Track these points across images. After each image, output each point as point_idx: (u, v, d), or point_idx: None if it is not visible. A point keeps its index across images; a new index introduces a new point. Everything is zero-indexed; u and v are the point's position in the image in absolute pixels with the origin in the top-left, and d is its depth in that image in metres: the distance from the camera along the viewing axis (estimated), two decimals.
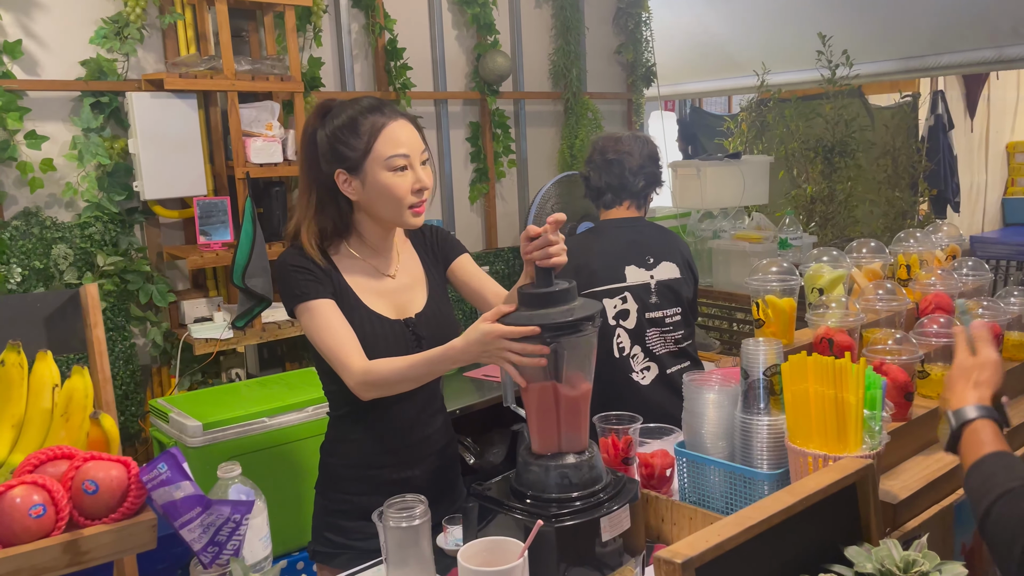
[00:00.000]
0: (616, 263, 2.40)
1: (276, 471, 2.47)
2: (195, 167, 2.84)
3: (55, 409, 1.20)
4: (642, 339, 2.41)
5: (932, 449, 1.73)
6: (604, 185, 2.47)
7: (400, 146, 1.61)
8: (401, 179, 1.62)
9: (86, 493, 1.07)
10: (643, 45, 4.36)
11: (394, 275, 1.76)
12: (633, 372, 2.41)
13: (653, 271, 2.43)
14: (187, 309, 2.96)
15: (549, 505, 1.48)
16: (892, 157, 4.03)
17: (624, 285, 2.40)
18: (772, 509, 1.21)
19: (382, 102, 1.66)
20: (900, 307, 1.85)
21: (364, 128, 1.61)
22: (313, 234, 1.68)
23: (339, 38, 3.34)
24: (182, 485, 1.09)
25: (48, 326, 1.48)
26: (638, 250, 2.43)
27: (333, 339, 1.61)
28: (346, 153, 1.62)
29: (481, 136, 3.82)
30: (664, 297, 2.42)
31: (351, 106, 1.65)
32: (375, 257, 1.74)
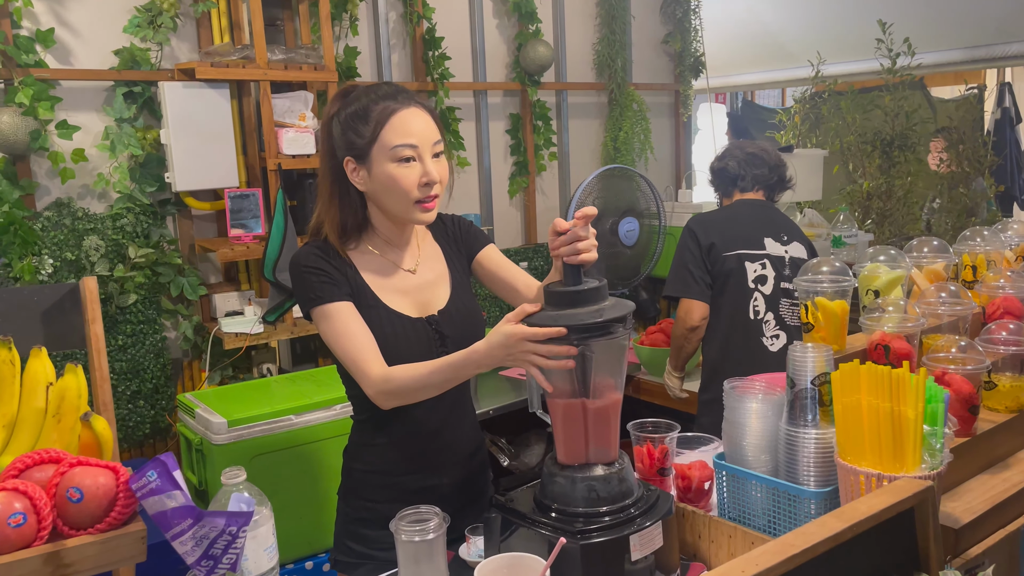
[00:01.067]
0: (757, 232, 2.58)
1: (300, 471, 2.41)
2: (227, 158, 2.79)
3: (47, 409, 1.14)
4: (776, 307, 2.55)
5: (998, 468, 1.59)
6: (744, 172, 2.65)
7: (408, 136, 1.51)
8: (407, 170, 1.51)
9: (71, 501, 1.00)
10: (692, 34, 4.20)
11: (415, 270, 1.66)
12: (764, 336, 2.55)
13: (787, 247, 2.60)
14: (218, 303, 2.92)
15: (575, 520, 1.38)
16: (956, 151, 3.81)
17: (764, 252, 2.56)
18: (818, 536, 1.09)
19: (399, 89, 1.57)
20: (965, 311, 1.70)
21: (373, 114, 1.51)
22: (334, 227, 1.60)
23: (376, 27, 3.27)
24: (173, 494, 1.01)
25: (45, 321, 1.42)
26: (774, 226, 2.61)
27: (351, 344, 1.53)
28: (354, 140, 1.53)
29: (521, 128, 3.72)
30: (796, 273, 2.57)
31: (367, 92, 1.56)
32: (393, 252, 1.65)
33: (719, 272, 2.54)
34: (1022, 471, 1.57)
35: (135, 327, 2.77)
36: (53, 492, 1.02)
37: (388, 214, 1.60)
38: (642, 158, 3.97)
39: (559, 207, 3.92)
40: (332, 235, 1.60)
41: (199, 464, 2.41)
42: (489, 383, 3.13)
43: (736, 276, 2.52)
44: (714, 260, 2.54)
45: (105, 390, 1.39)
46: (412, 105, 1.53)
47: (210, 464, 2.36)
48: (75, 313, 1.46)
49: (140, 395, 2.80)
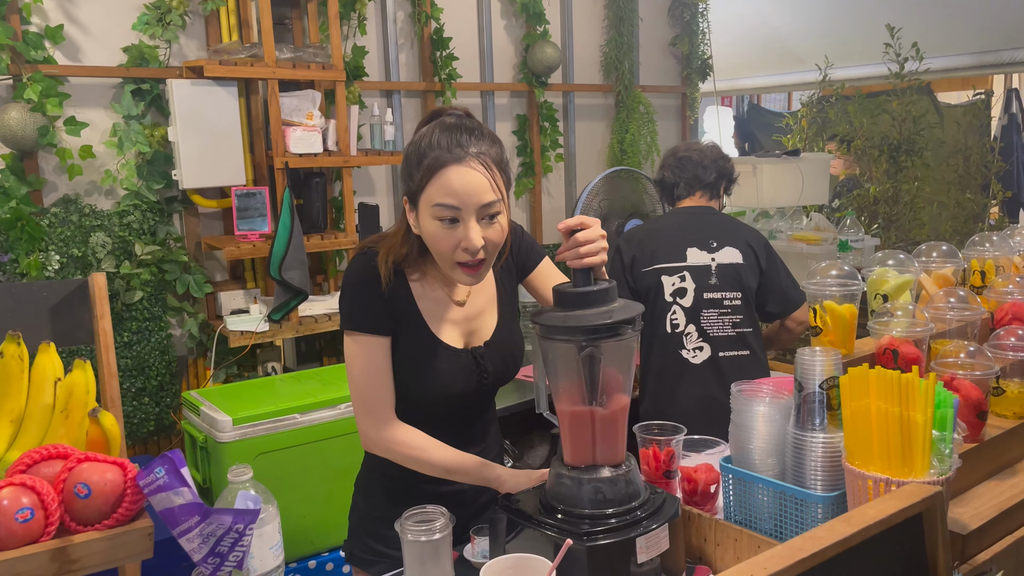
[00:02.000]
0: (678, 243, 2.50)
1: (305, 469, 2.41)
2: (234, 156, 2.80)
3: (56, 405, 1.13)
4: (697, 318, 2.48)
5: (1005, 474, 1.58)
6: (677, 179, 2.60)
7: (450, 195, 1.37)
8: (447, 232, 1.39)
9: (78, 497, 1.00)
10: (699, 37, 4.19)
11: (464, 302, 1.60)
12: (684, 349, 2.48)
13: (715, 254, 2.51)
14: (224, 300, 2.93)
15: (581, 521, 1.37)
16: (964, 156, 3.80)
17: (684, 264, 2.49)
18: (826, 540, 1.08)
19: (462, 131, 1.41)
20: (973, 317, 1.69)
21: (426, 162, 1.39)
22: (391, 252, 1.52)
23: (384, 27, 3.27)
24: (181, 491, 1.01)
25: (53, 317, 1.41)
26: (702, 234, 2.52)
27: (367, 384, 1.50)
28: (409, 182, 1.44)
29: (528, 129, 3.72)
30: (725, 280, 2.49)
31: (433, 130, 1.42)
32: (446, 284, 1.58)
33: (640, 288, 2.50)
34: None
35: (141, 324, 2.77)
36: (61, 488, 1.02)
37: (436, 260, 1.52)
38: (648, 160, 3.97)
39: (565, 208, 3.92)
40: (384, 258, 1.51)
41: (203, 462, 2.41)
42: None
43: (654, 291, 2.48)
44: (636, 276, 2.50)
45: (113, 386, 1.39)
46: (467, 160, 1.38)
47: (215, 462, 2.36)
48: (83, 309, 1.45)
49: (145, 392, 2.80)
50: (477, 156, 1.39)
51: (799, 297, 2.62)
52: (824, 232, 3.45)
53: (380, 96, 3.31)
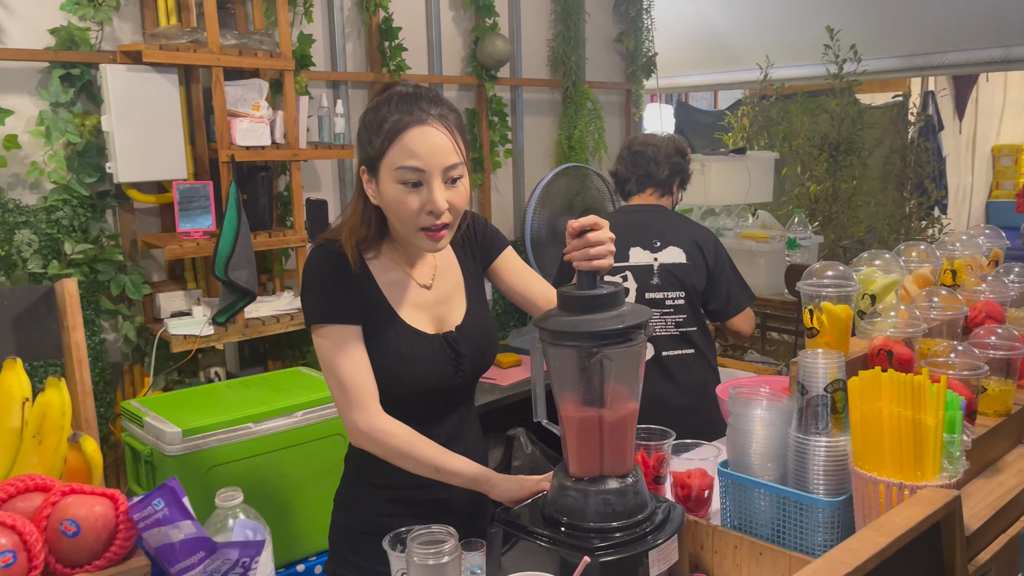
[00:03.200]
0: (622, 243, 2.42)
1: (261, 481, 2.28)
2: (175, 148, 2.62)
3: (25, 429, 1.00)
4: None
5: (990, 471, 1.60)
6: (629, 174, 2.57)
7: (414, 157, 1.36)
8: (411, 196, 1.38)
9: (65, 535, 0.87)
10: (644, 34, 4.19)
11: (430, 286, 1.56)
12: None
13: (658, 254, 2.50)
14: (163, 302, 2.74)
15: (589, 535, 1.31)
16: (901, 156, 3.92)
17: (626, 264, 2.48)
18: (865, 552, 1.05)
19: (421, 95, 1.40)
20: (956, 316, 1.71)
21: (387, 125, 1.37)
22: (351, 232, 1.48)
23: (331, 14, 3.13)
24: (181, 525, 0.90)
25: (17, 328, 1.26)
26: (647, 233, 2.50)
27: (346, 375, 1.43)
28: (368, 150, 1.41)
29: (477, 124, 3.63)
30: (667, 280, 2.49)
31: (391, 98, 1.40)
32: (410, 265, 1.54)
33: None
34: (1014, 474, 1.58)
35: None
36: (44, 525, 0.89)
37: (394, 232, 1.50)
38: (596, 157, 3.94)
39: (513, 205, 3.85)
40: (348, 241, 1.47)
41: (148, 477, 2.24)
42: None
43: None
44: None
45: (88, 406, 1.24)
46: (429, 121, 1.37)
47: (161, 477, 2.20)
48: (50, 319, 1.30)
49: None
50: (439, 118, 1.38)
51: (742, 301, 2.62)
52: (771, 229, 3.50)
53: (327, 87, 3.16)
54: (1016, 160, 7.84)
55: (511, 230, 3.85)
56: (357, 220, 1.48)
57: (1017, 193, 7.81)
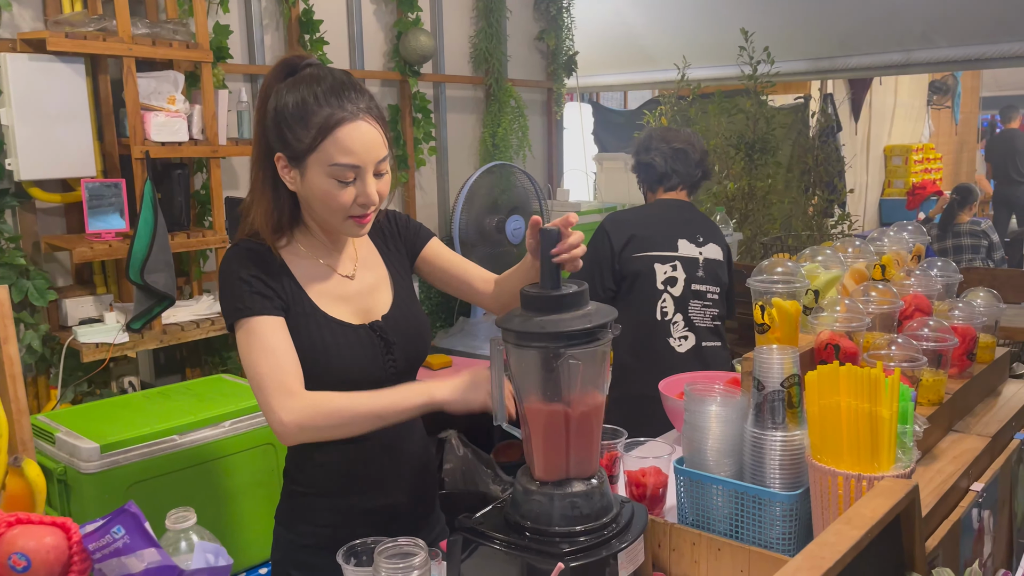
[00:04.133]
0: (671, 234, 2.56)
1: (188, 497, 2.14)
2: (82, 144, 2.45)
3: None
4: (685, 308, 2.55)
5: (927, 459, 1.66)
6: (671, 170, 2.62)
7: (350, 154, 1.34)
8: (344, 191, 1.37)
9: (15, 571, 0.78)
10: (564, 32, 4.20)
11: (353, 276, 1.52)
12: (671, 337, 2.54)
13: (702, 249, 2.60)
14: (70, 309, 2.56)
15: (555, 540, 1.28)
16: (812, 155, 4.06)
17: (676, 254, 2.55)
18: (841, 546, 1.06)
19: (346, 86, 1.37)
20: (892, 309, 1.76)
21: (316, 120, 1.34)
22: (266, 220, 1.43)
23: (248, 5, 3.00)
24: (144, 554, 0.82)
25: None
26: (691, 228, 2.60)
27: (268, 362, 1.35)
28: (290, 140, 1.36)
29: (401, 120, 3.56)
30: (709, 274, 2.59)
31: (310, 82, 1.36)
32: (328, 256, 1.50)
33: (628, 273, 2.54)
34: (951, 461, 1.64)
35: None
36: None
37: (317, 220, 1.46)
38: (520, 155, 3.92)
39: (438, 203, 3.79)
40: (264, 229, 1.43)
41: (63, 498, 2.08)
42: None
43: (645, 277, 2.52)
44: (624, 261, 2.53)
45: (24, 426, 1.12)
46: (361, 116, 1.36)
47: (76, 497, 2.05)
48: None
49: None
50: (368, 111, 1.38)
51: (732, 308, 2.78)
52: None
53: (245, 81, 3.03)
54: (906, 160, 8.30)
55: (436, 229, 3.79)
56: (267, 211, 1.43)
57: (907, 191, 8.27)
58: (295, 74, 1.39)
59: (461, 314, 3.65)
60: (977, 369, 1.94)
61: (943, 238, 5.73)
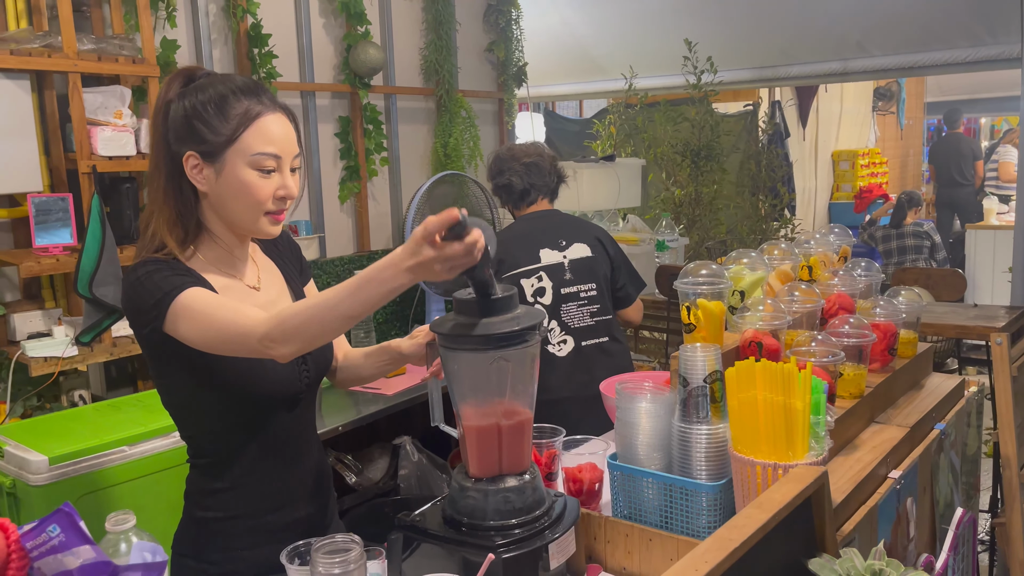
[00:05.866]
0: (531, 247, 2.64)
1: (140, 507, 2.15)
2: (28, 159, 2.46)
3: None
4: (558, 314, 2.62)
5: (848, 449, 1.74)
6: (528, 185, 2.70)
7: (272, 143, 1.38)
8: (265, 182, 1.38)
9: None
10: (514, 44, 4.28)
11: (258, 287, 1.52)
12: (549, 344, 2.61)
13: (566, 251, 2.66)
14: (18, 323, 2.56)
15: (489, 533, 1.34)
16: (756, 161, 4.19)
17: (539, 265, 2.63)
18: (749, 528, 1.14)
19: (260, 86, 1.42)
20: (815, 308, 1.85)
21: (235, 111, 1.36)
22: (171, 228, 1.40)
23: (195, 19, 3.03)
24: (79, 551, 0.86)
25: None
26: (552, 234, 2.67)
27: (225, 310, 1.31)
28: (205, 135, 1.36)
29: (352, 132, 3.60)
30: (578, 274, 2.65)
31: (222, 81, 1.39)
32: (233, 266, 1.49)
33: None
34: (869, 451, 1.73)
35: None
36: None
37: (228, 220, 1.43)
38: (472, 164, 3.99)
39: (391, 213, 3.84)
40: (169, 238, 1.39)
41: (12, 510, 2.09)
42: (331, 398, 3.00)
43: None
44: None
45: None
46: (277, 110, 1.41)
47: (26, 509, 2.06)
48: None
49: None
50: (283, 109, 1.43)
51: (634, 292, 2.80)
52: (641, 233, 3.66)
53: None
54: (853, 164, 8.53)
55: (389, 238, 3.83)
56: (172, 218, 1.40)
57: (855, 195, 8.50)
58: (195, 81, 1.41)
59: (416, 322, 3.70)
60: (899, 363, 2.04)
61: (888, 239, 5.93)
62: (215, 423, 1.47)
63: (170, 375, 1.44)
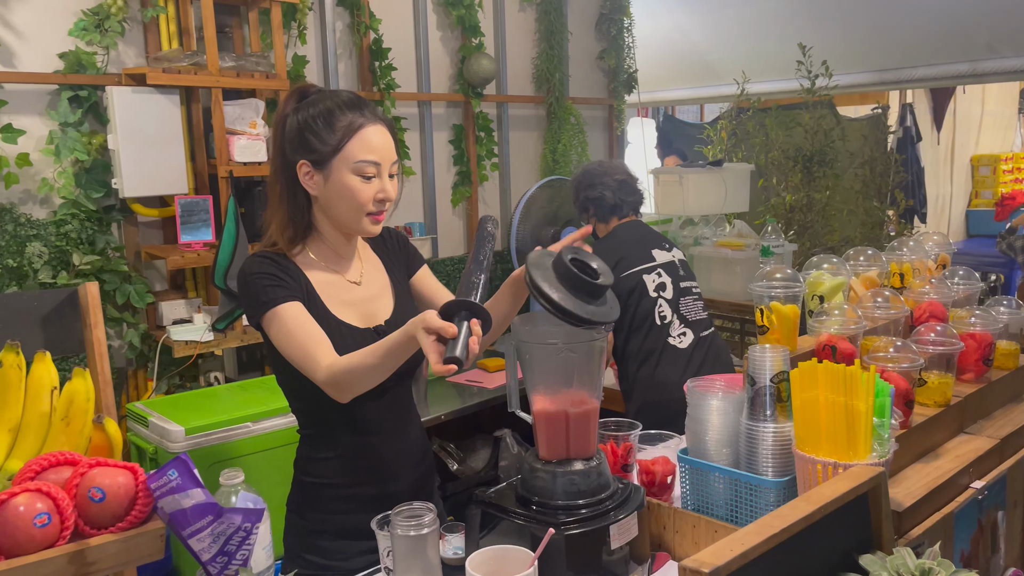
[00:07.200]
0: (644, 248, 2.80)
1: (257, 478, 2.39)
2: (176, 165, 2.77)
3: (54, 413, 1.14)
4: (678, 308, 2.77)
5: (930, 457, 1.74)
6: (620, 200, 2.86)
7: (373, 152, 1.54)
8: (366, 186, 1.54)
9: (92, 501, 1.01)
10: (625, 51, 4.36)
11: (359, 282, 1.68)
12: (671, 337, 2.75)
13: (671, 252, 2.85)
14: (165, 311, 2.88)
15: (556, 512, 1.45)
16: (870, 167, 4.08)
17: (655, 263, 2.78)
18: (791, 517, 1.20)
19: (363, 100, 1.59)
20: (899, 315, 1.86)
21: (340, 124, 1.53)
22: (283, 228, 1.59)
23: (324, 36, 3.29)
24: (192, 493, 1.04)
25: (45, 326, 1.41)
26: (656, 238, 2.87)
27: (305, 338, 1.50)
28: (315, 145, 1.53)
29: (464, 139, 3.79)
30: (687, 272, 2.85)
31: (330, 97, 1.57)
32: (338, 263, 1.65)
33: (621, 292, 2.70)
34: (951, 460, 1.72)
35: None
36: (74, 492, 1.03)
37: (335, 221, 1.60)
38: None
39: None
40: (280, 237, 1.58)
41: None
42: (437, 389, 3.18)
43: (638, 291, 2.72)
44: (618, 281, 2.68)
45: (108, 394, 1.39)
46: (378, 122, 1.57)
47: None
48: (74, 318, 1.45)
49: None
50: (383, 120, 1.59)
51: None
52: (747, 238, 3.66)
53: None
54: (994, 170, 8.03)
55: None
56: (286, 219, 1.58)
57: (996, 202, 7.99)
58: (307, 98, 1.59)
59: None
60: (997, 375, 2.00)
61: None
62: (314, 402, 1.61)
63: (278, 357, 1.62)
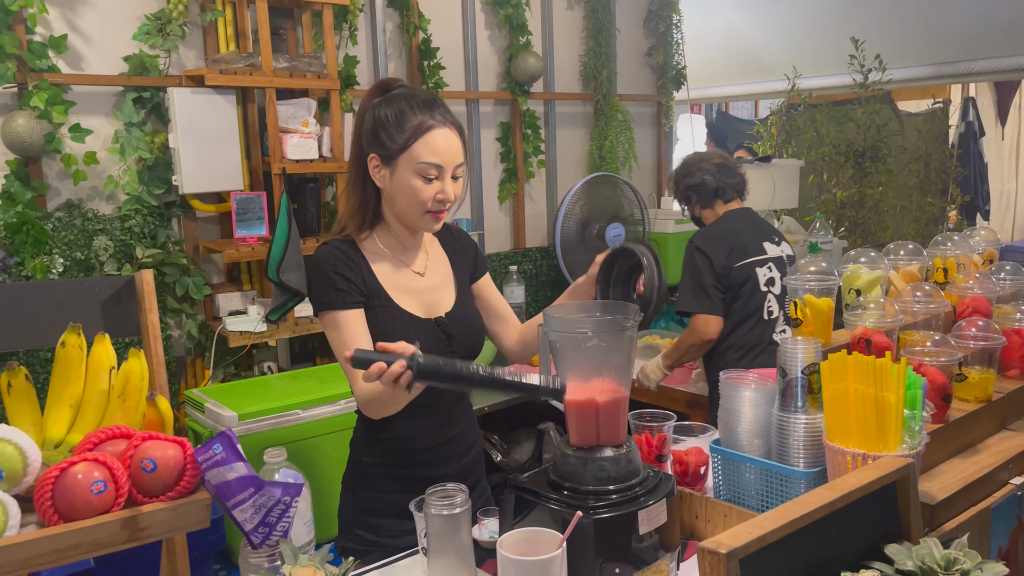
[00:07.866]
0: (757, 239, 2.76)
1: (307, 463, 2.50)
2: (232, 162, 2.88)
3: (112, 391, 1.23)
4: (783, 304, 2.74)
5: (969, 452, 1.73)
6: (722, 183, 2.79)
7: (436, 155, 1.58)
8: (426, 187, 1.59)
9: (144, 471, 1.10)
10: (673, 48, 4.36)
11: (423, 273, 1.74)
12: (775, 333, 2.73)
13: (780, 247, 2.80)
14: (222, 302, 3.00)
15: (586, 497, 1.49)
16: (925, 162, 4.00)
17: (767, 257, 2.74)
18: (813, 504, 1.21)
19: (437, 102, 1.62)
20: (938, 310, 1.84)
21: (410, 124, 1.57)
22: (353, 212, 1.67)
23: (374, 37, 3.38)
24: (235, 466, 1.12)
25: (104, 310, 1.52)
26: (767, 230, 2.81)
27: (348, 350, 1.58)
28: (385, 141, 1.59)
29: (511, 136, 3.85)
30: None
31: (407, 96, 1.61)
32: (404, 253, 1.72)
33: (733, 283, 2.68)
34: (991, 455, 1.71)
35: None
36: (128, 463, 1.11)
37: (397, 215, 1.68)
38: (626, 166, 4.11)
39: (547, 213, 4.05)
40: (350, 223, 1.66)
41: None
42: None
43: (750, 283, 2.68)
44: (727, 273, 2.67)
45: (161, 374, 1.49)
46: (447, 125, 1.60)
47: None
48: (131, 304, 1.55)
49: None
50: (452, 123, 1.62)
51: None
52: (795, 234, 3.63)
53: None
54: None
55: (544, 236, 4.04)
56: (356, 205, 1.66)
57: None
58: (390, 92, 1.64)
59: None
60: None
61: None
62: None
63: None
